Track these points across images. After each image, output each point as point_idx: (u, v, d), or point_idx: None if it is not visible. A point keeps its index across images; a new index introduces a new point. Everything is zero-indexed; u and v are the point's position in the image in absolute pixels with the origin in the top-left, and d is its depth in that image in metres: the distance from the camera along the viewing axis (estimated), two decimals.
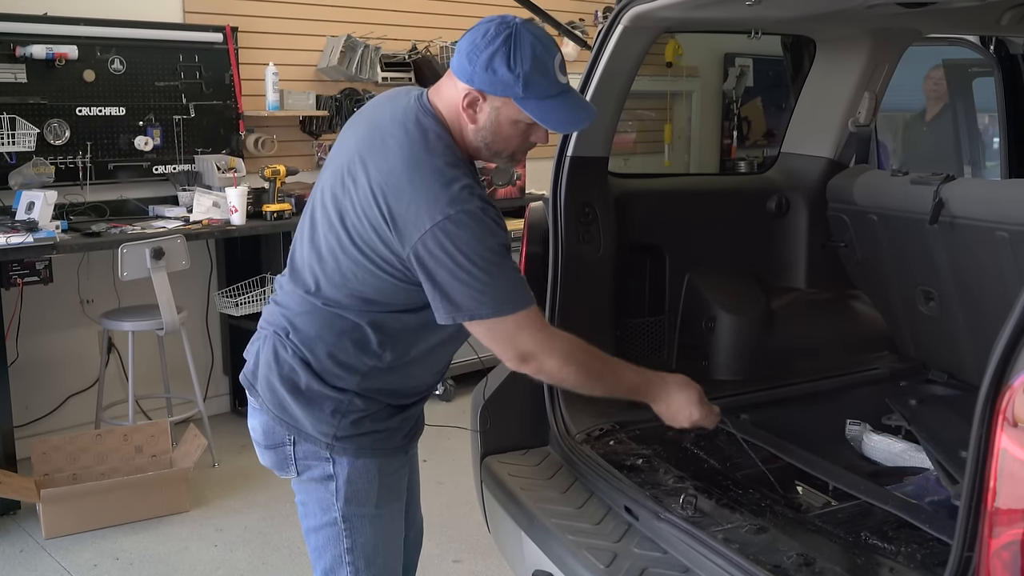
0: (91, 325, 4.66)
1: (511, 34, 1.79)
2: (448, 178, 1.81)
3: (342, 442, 1.96)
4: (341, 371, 1.93)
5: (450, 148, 1.87)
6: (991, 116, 4.61)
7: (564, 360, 1.93)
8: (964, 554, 1.48)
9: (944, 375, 2.99)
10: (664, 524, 2.07)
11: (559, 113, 1.86)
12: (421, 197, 1.79)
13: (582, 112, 1.92)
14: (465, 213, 1.78)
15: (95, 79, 4.65)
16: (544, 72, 1.81)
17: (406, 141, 1.85)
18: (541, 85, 1.81)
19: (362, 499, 1.99)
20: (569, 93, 1.87)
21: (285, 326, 1.97)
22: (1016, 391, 1.36)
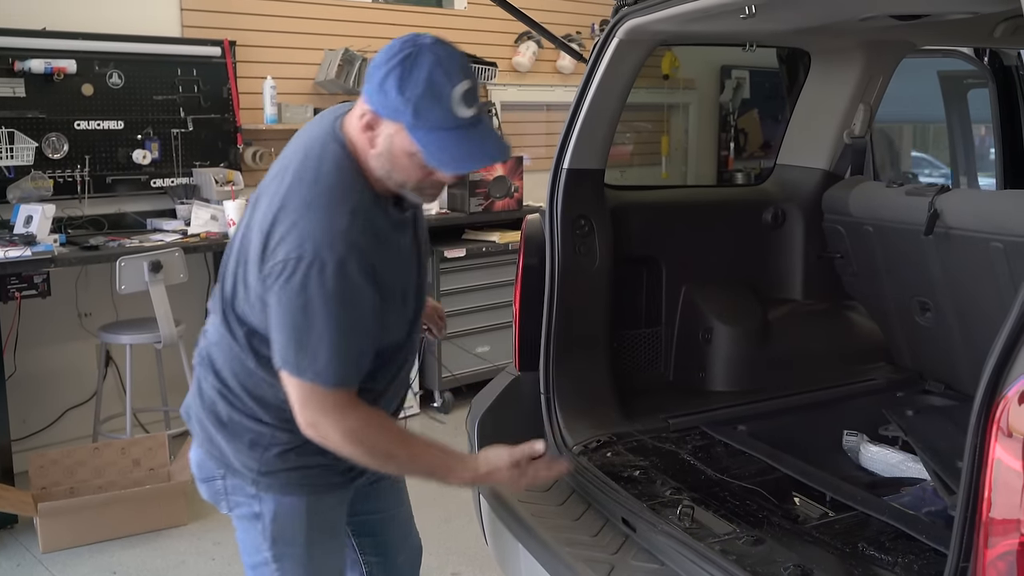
0: (89, 338, 4.66)
1: (411, 54, 1.63)
2: (325, 214, 1.69)
3: (267, 477, 1.89)
4: (256, 404, 1.86)
5: (345, 181, 1.73)
6: (986, 127, 4.62)
7: (349, 437, 1.76)
8: (960, 564, 1.48)
9: (940, 385, 3.00)
10: (661, 536, 2.07)
11: (450, 149, 1.67)
12: (293, 226, 1.69)
13: (479, 151, 1.71)
14: (319, 260, 1.65)
15: (93, 93, 4.66)
16: (438, 99, 1.62)
17: (301, 170, 1.76)
18: (433, 114, 1.63)
19: (288, 539, 1.93)
20: (469, 128, 1.67)
21: (206, 356, 1.94)
22: (1010, 401, 1.36)
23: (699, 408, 2.81)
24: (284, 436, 1.86)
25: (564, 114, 2.70)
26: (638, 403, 2.78)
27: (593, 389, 2.70)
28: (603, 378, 2.74)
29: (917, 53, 3.27)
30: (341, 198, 1.71)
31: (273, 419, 1.86)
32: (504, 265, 5.48)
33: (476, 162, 1.73)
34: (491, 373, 2.84)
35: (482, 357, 5.35)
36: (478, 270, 5.44)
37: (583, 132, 2.65)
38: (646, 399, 2.83)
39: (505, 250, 5.47)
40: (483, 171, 5.58)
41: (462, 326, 5.36)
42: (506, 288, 5.37)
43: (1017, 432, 1.35)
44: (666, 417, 2.74)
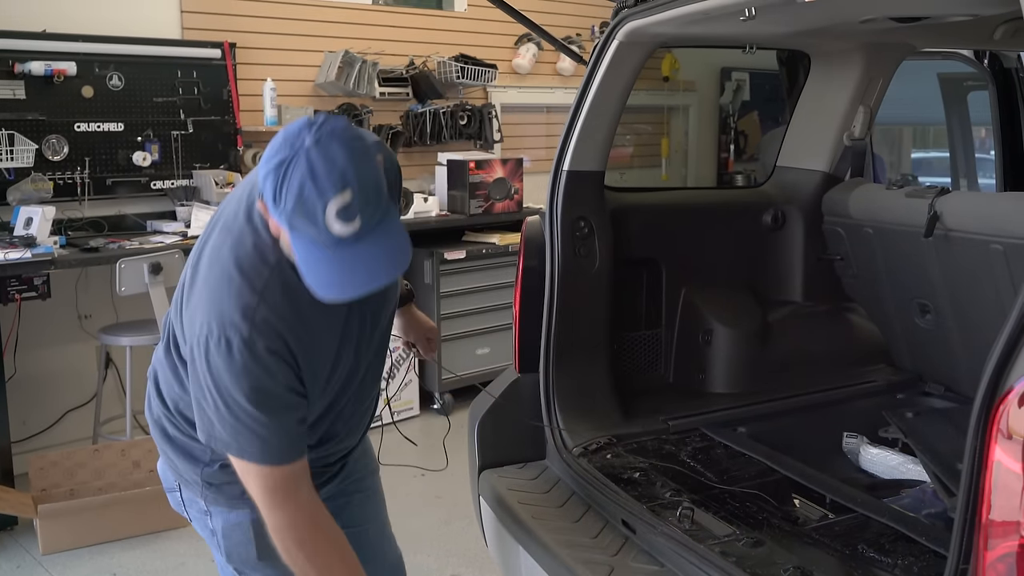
0: (89, 340, 4.66)
1: (284, 160, 1.49)
2: (233, 288, 1.63)
3: (212, 490, 1.88)
4: (191, 426, 1.82)
5: (263, 249, 1.66)
6: (986, 129, 4.62)
7: (274, 533, 1.71)
8: (960, 566, 1.48)
9: (940, 387, 3.00)
10: (661, 537, 2.07)
11: (322, 273, 1.54)
12: (203, 299, 1.65)
13: (352, 279, 1.54)
14: (224, 340, 1.60)
15: (93, 95, 4.66)
16: (310, 217, 1.48)
17: (226, 228, 1.71)
18: (307, 231, 1.50)
19: (243, 554, 1.91)
20: (347, 247, 1.51)
21: (153, 374, 1.93)
22: (1010, 403, 1.36)
23: (699, 410, 2.81)
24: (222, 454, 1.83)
25: (564, 116, 2.70)
26: (638, 405, 2.78)
27: (593, 391, 2.70)
28: (603, 380, 2.74)
29: (917, 55, 3.27)
30: (255, 272, 1.65)
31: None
32: (504, 267, 5.49)
33: (348, 291, 1.56)
34: (492, 375, 2.84)
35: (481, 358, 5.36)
36: (478, 272, 5.44)
37: (583, 134, 2.65)
38: (646, 401, 2.83)
39: (505, 252, 5.47)
40: (483, 173, 5.59)
41: (462, 328, 5.37)
42: (506, 290, 5.38)
43: (1017, 434, 1.35)
44: (666, 419, 2.73)
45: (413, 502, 2.31)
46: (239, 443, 1.67)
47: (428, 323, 2.39)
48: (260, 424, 1.64)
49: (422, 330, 2.37)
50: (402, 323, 2.33)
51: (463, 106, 6.12)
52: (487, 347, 5.46)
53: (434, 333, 2.39)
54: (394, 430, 2.51)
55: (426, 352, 2.38)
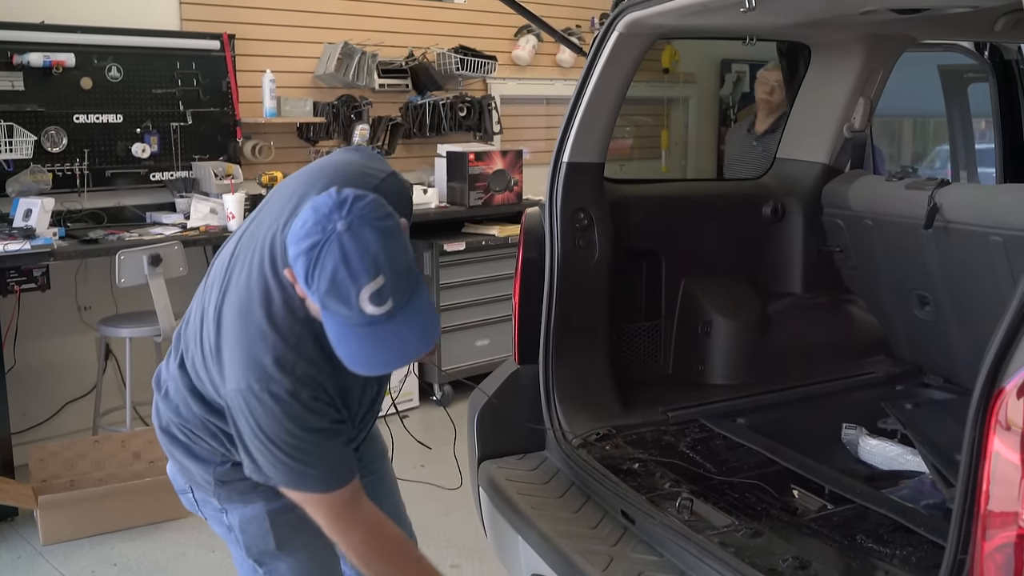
0: (88, 332, 4.66)
1: (317, 243, 1.52)
2: (268, 344, 1.67)
3: (225, 488, 1.92)
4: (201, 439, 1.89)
5: (291, 304, 1.69)
6: (986, 121, 4.62)
7: (351, 553, 1.81)
8: (958, 557, 1.48)
9: (939, 379, 3.00)
10: (660, 528, 2.07)
11: (354, 349, 1.60)
12: (237, 351, 1.69)
13: (382, 355, 1.61)
14: (268, 393, 1.65)
15: (92, 87, 4.66)
16: (343, 301, 1.53)
17: (252, 281, 1.72)
18: (340, 312, 1.56)
19: (262, 545, 1.95)
20: (378, 325, 1.56)
21: (164, 385, 1.96)
22: (1008, 395, 1.37)
23: (698, 401, 2.82)
24: (233, 457, 1.88)
25: (564, 108, 2.70)
26: (637, 396, 2.79)
27: (592, 382, 2.71)
28: (602, 371, 2.74)
29: (917, 47, 3.26)
30: (285, 328, 1.68)
31: (220, 448, 1.89)
32: (504, 258, 5.49)
33: (378, 367, 1.64)
34: (491, 367, 2.84)
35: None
36: (478, 263, 5.45)
37: (583, 126, 2.65)
38: (645, 392, 2.84)
39: (505, 243, 5.47)
40: (482, 164, 5.59)
41: (462, 319, 5.37)
42: (506, 281, 5.38)
43: (1015, 425, 1.35)
44: (665, 410, 2.74)
45: (411, 492, 2.32)
46: (300, 480, 1.74)
47: None
48: (315, 458, 1.72)
49: None
50: None
51: (462, 98, 6.11)
52: (487, 338, 5.46)
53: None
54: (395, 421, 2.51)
55: (425, 357, 2.40)
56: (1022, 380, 1.35)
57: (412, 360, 1.68)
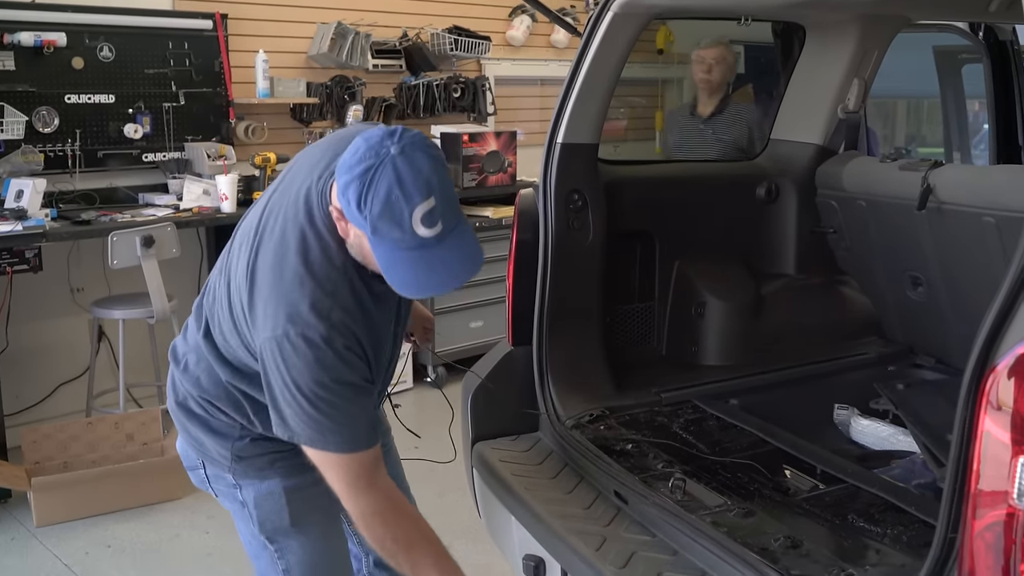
0: (81, 313, 4.65)
1: (371, 167, 1.56)
2: (306, 290, 1.68)
3: (242, 464, 1.93)
4: (223, 410, 1.91)
5: (329, 252, 1.71)
6: (980, 102, 4.62)
7: (359, 520, 1.80)
8: (948, 535, 1.49)
9: (931, 359, 3.01)
10: (653, 508, 2.08)
11: (406, 272, 1.63)
12: (272, 300, 1.69)
13: (435, 278, 1.64)
14: (303, 339, 1.65)
15: (84, 66, 4.63)
16: (396, 223, 1.56)
17: (287, 233, 1.74)
18: (391, 235, 1.58)
19: (276, 522, 1.97)
20: (430, 248, 1.60)
21: (182, 357, 1.96)
22: (999, 374, 1.37)
23: (691, 382, 2.83)
24: (254, 430, 1.90)
25: (558, 88, 2.69)
26: (631, 377, 2.79)
27: (586, 363, 2.71)
28: (596, 352, 2.75)
29: (912, 28, 3.25)
30: (323, 276, 1.70)
31: (242, 419, 1.90)
32: (498, 240, 5.45)
33: (429, 290, 1.68)
34: (485, 348, 2.85)
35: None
36: None
37: (577, 107, 2.64)
38: (639, 373, 2.84)
39: (499, 225, 5.46)
40: (476, 146, 5.57)
41: (455, 301, 5.37)
42: (499, 263, 5.32)
43: (1006, 405, 1.36)
44: (658, 391, 2.75)
45: (408, 471, 2.34)
46: (324, 437, 1.72)
47: (426, 313, 2.47)
48: (343, 414, 1.72)
49: (420, 320, 2.43)
50: None
51: (456, 78, 6.09)
52: (480, 320, 5.47)
53: (431, 323, 2.47)
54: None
55: (422, 341, 2.44)
56: (1013, 360, 1.36)
57: (461, 283, 1.68)
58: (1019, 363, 1.35)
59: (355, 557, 2.31)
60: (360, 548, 2.30)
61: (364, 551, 2.30)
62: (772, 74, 5.21)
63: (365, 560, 2.31)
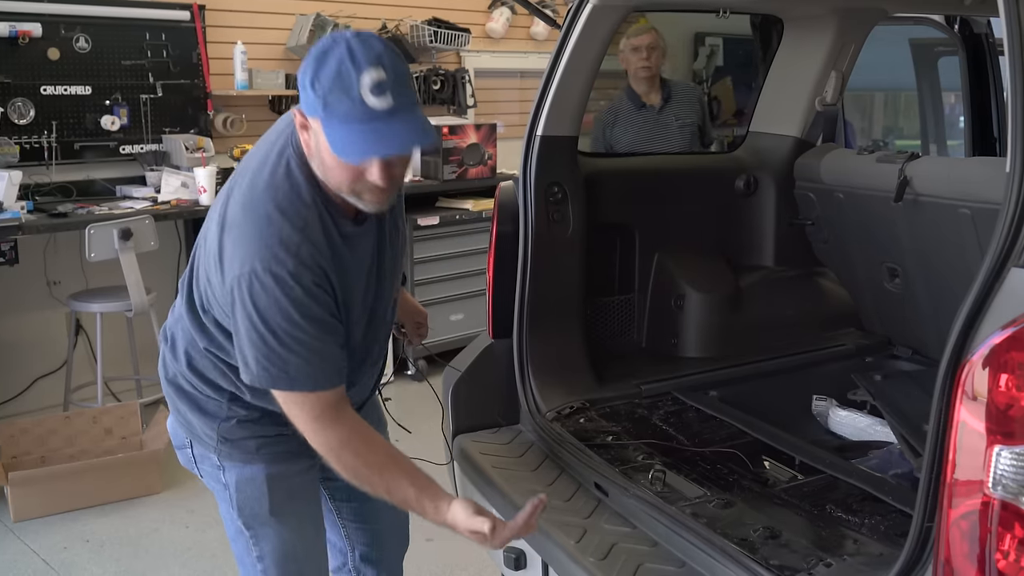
0: (58, 307, 4.61)
1: (325, 48, 1.59)
2: (275, 227, 1.68)
3: (227, 446, 1.93)
4: (210, 384, 1.91)
5: (297, 194, 1.71)
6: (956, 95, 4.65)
7: (329, 454, 1.79)
8: (925, 524, 1.51)
9: (908, 350, 3.04)
10: (633, 500, 2.09)
11: (356, 141, 1.60)
12: (242, 239, 1.70)
13: (384, 141, 1.60)
14: (271, 275, 1.65)
15: (60, 57, 4.59)
16: (345, 91, 1.56)
17: (256, 175, 1.75)
18: (342, 106, 1.57)
19: (255, 507, 1.97)
20: (381, 120, 1.58)
21: (169, 334, 1.97)
22: (975, 365, 1.39)
23: (671, 374, 2.84)
24: (240, 411, 1.90)
25: (538, 81, 2.68)
26: (611, 369, 2.80)
27: (566, 356, 2.72)
28: (576, 345, 2.75)
29: (889, 20, 3.27)
30: (294, 211, 1.70)
31: (227, 397, 1.90)
32: (478, 233, 5.48)
33: (377, 150, 1.62)
34: (466, 340, 2.85)
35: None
36: (452, 238, 5.43)
37: (557, 99, 2.64)
38: (619, 365, 2.85)
39: (479, 218, 5.46)
40: (456, 138, 5.56)
41: (436, 294, 5.36)
42: (480, 256, 5.37)
43: (981, 395, 1.37)
44: (639, 383, 2.76)
45: None
46: (289, 374, 1.72)
47: (419, 308, 2.45)
48: (309, 350, 1.71)
49: (412, 313, 2.41)
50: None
51: (436, 71, 6.07)
52: (461, 313, 5.46)
53: (424, 318, 2.44)
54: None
55: (413, 335, 2.42)
56: (988, 351, 1.37)
57: (407, 150, 1.67)
58: (994, 354, 1.36)
59: (340, 551, 2.31)
60: (346, 542, 2.30)
61: (350, 545, 2.29)
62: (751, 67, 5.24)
63: (351, 555, 2.30)
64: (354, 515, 2.26)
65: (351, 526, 2.27)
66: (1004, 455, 1.34)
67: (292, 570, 2.03)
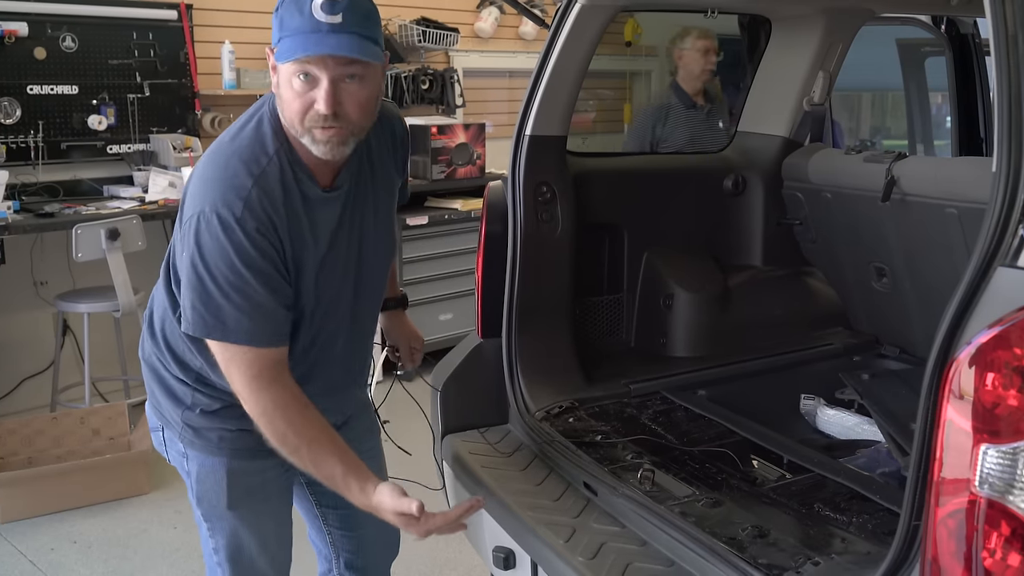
0: (45, 307, 4.59)
1: None
2: (229, 172, 1.69)
3: (191, 434, 1.93)
4: (179, 365, 1.90)
5: (264, 140, 1.74)
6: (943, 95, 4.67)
7: (261, 418, 1.76)
8: (912, 523, 1.51)
9: (896, 349, 3.05)
10: (622, 499, 2.09)
11: (300, 45, 1.63)
12: (200, 181, 1.72)
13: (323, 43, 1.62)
14: (217, 217, 1.66)
15: (46, 57, 4.57)
16: (298, 7, 1.62)
17: (227, 132, 1.80)
18: (294, 21, 1.63)
19: (212, 500, 1.96)
20: (328, 32, 1.62)
21: (148, 313, 1.99)
22: (961, 364, 1.39)
23: (660, 373, 2.84)
24: (204, 399, 1.90)
25: (526, 81, 2.68)
26: (600, 369, 2.80)
27: (555, 355, 2.72)
28: (565, 344, 2.75)
29: (876, 20, 3.28)
30: (253, 159, 1.72)
31: (193, 381, 1.90)
32: (467, 232, 5.47)
33: (307, 48, 1.63)
34: (456, 340, 2.85)
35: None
36: (440, 237, 5.43)
37: (545, 99, 2.64)
38: (608, 365, 2.85)
39: (468, 218, 5.46)
40: (445, 138, 5.56)
41: (425, 294, 5.36)
42: (469, 255, 5.37)
43: (967, 394, 1.38)
44: (627, 383, 2.76)
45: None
46: (226, 325, 1.70)
47: (416, 332, 2.43)
48: (248, 301, 1.69)
49: (408, 337, 2.41)
50: (389, 326, 2.38)
51: (425, 70, 6.07)
52: (450, 313, 5.46)
53: (420, 343, 2.43)
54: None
55: (406, 360, 2.41)
56: (974, 350, 1.38)
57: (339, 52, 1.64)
58: (980, 353, 1.37)
59: (325, 557, 2.30)
60: (331, 548, 2.28)
61: (335, 552, 2.28)
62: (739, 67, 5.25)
63: (336, 561, 2.29)
64: (340, 522, 2.24)
65: (336, 533, 2.26)
66: (991, 453, 1.35)
67: (245, 565, 2.02)
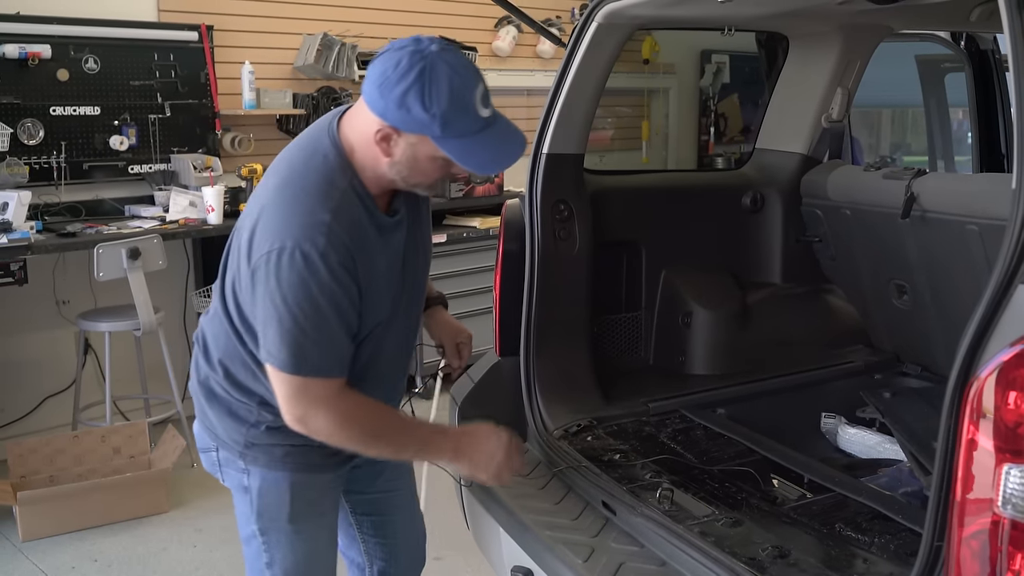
0: (67, 326, 4.63)
1: (425, 68, 1.64)
2: (307, 207, 1.71)
3: (253, 451, 1.94)
4: (239, 386, 1.91)
5: (331, 178, 1.75)
6: (963, 111, 4.65)
7: (331, 439, 1.82)
8: (935, 544, 1.50)
9: (917, 367, 3.02)
10: (641, 518, 2.08)
11: (481, 152, 1.73)
12: (272, 220, 1.72)
13: (506, 147, 1.76)
14: (300, 252, 1.67)
15: (69, 78, 4.62)
16: (464, 109, 1.67)
17: (292, 162, 1.80)
18: (461, 123, 1.68)
19: (274, 514, 1.97)
20: (493, 127, 1.73)
21: (201, 334, 1.99)
22: (983, 382, 1.38)
23: (679, 392, 2.83)
24: (268, 416, 1.90)
25: (544, 99, 2.69)
26: (618, 387, 2.80)
27: (573, 374, 2.71)
28: (583, 363, 2.75)
29: (895, 37, 3.28)
30: (326, 194, 1.72)
31: (256, 401, 1.91)
32: (485, 251, 5.48)
33: (504, 160, 1.78)
34: (474, 358, 2.85)
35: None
36: (459, 256, 5.44)
37: (562, 117, 2.65)
38: (626, 383, 2.85)
39: (486, 235, 5.47)
40: None
41: None
42: (487, 274, 5.36)
43: (989, 413, 1.37)
44: (646, 401, 2.75)
45: None
46: (303, 358, 1.72)
47: (461, 327, 2.38)
48: (322, 335, 1.72)
49: (453, 332, 2.35)
50: (431, 323, 2.35)
51: None
52: (468, 331, 5.45)
53: (466, 338, 2.37)
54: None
55: (451, 357, 2.36)
56: (996, 368, 1.37)
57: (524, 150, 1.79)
58: (1002, 371, 1.36)
59: (358, 566, 2.32)
60: (364, 557, 2.30)
61: (368, 560, 2.30)
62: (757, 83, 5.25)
63: (369, 570, 2.30)
64: (374, 529, 2.27)
65: (371, 541, 2.28)
66: (1013, 473, 1.33)
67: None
